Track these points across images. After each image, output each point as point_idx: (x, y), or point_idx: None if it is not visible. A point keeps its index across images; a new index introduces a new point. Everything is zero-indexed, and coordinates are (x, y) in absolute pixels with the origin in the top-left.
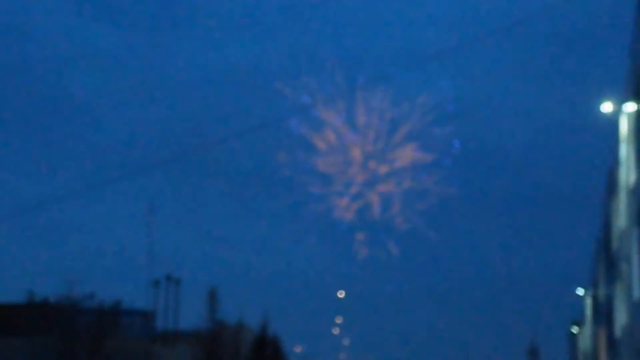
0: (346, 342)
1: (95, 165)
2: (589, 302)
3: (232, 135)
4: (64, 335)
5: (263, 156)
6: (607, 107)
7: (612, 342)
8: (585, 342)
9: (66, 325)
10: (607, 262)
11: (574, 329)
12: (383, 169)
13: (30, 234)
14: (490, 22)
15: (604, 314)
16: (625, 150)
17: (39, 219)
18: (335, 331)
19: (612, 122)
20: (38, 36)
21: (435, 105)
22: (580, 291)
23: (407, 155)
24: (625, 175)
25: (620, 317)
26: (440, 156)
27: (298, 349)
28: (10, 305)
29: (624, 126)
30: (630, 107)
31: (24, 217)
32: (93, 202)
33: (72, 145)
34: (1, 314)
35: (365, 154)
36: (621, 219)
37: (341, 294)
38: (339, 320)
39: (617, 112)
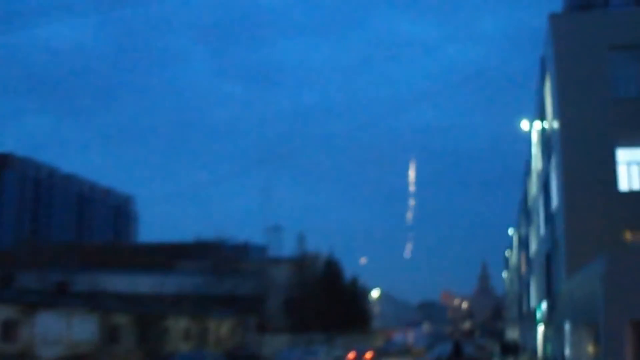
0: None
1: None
2: (515, 237)
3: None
4: (215, 261)
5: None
6: (525, 124)
7: (528, 260)
8: (513, 260)
9: (217, 255)
10: (525, 214)
11: (507, 253)
12: None
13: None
14: (455, 75)
15: (524, 243)
16: (534, 149)
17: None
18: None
19: (528, 133)
20: None
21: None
22: (510, 231)
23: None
24: (535, 164)
25: (532, 246)
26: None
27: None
28: (187, 243)
29: (534, 135)
30: (536, 125)
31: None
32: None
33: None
34: (182, 249)
35: None
36: (533, 189)
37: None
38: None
39: (531, 128)
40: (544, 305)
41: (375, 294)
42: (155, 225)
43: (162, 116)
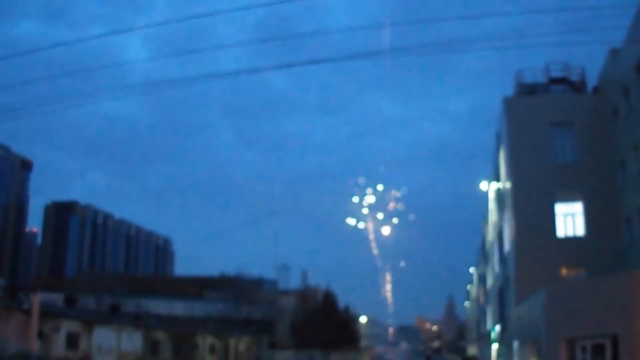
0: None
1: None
2: (475, 274)
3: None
4: (235, 291)
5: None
6: (483, 185)
7: (485, 292)
8: (473, 292)
9: (237, 287)
10: (483, 256)
11: (469, 287)
12: None
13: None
14: (428, 145)
15: (482, 279)
16: (491, 205)
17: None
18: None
19: (485, 192)
20: None
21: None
22: (472, 269)
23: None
24: (491, 216)
25: (489, 280)
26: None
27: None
28: (213, 277)
29: (491, 193)
30: (493, 185)
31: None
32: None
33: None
34: (209, 281)
35: None
36: (490, 236)
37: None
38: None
39: (488, 188)
40: (497, 327)
41: (363, 319)
42: (189, 261)
43: (194, 175)
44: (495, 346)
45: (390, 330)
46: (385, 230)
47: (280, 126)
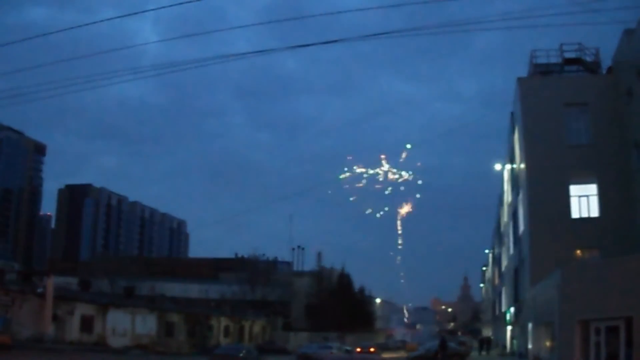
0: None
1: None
2: (490, 255)
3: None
4: (250, 273)
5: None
6: (497, 166)
7: (500, 274)
8: (488, 274)
9: (251, 269)
10: (498, 237)
11: (484, 268)
12: None
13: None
14: (441, 126)
15: (497, 261)
16: (505, 186)
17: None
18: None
19: (501, 173)
20: None
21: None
22: (486, 251)
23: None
24: (505, 198)
25: (504, 262)
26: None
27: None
28: (228, 258)
29: (506, 174)
30: (507, 166)
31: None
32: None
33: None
34: (223, 263)
35: None
36: (504, 217)
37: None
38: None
39: (502, 169)
40: (512, 309)
41: (378, 300)
42: (203, 243)
43: (207, 157)
44: (509, 328)
45: (405, 311)
46: (403, 210)
47: (292, 107)
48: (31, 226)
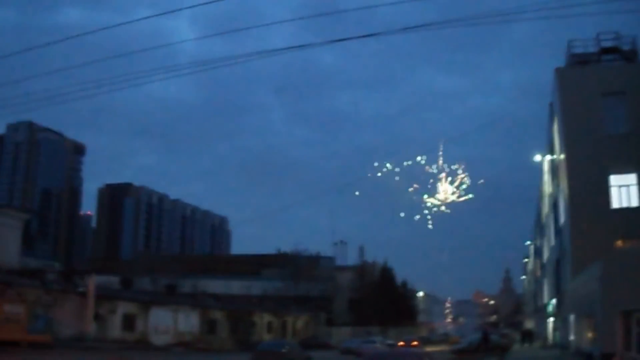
0: None
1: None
2: (531, 247)
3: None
4: (293, 269)
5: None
6: (537, 157)
7: (541, 265)
8: (530, 266)
9: (294, 264)
10: (539, 229)
11: (525, 260)
12: None
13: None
14: (479, 119)
15: (538, 252)
16: (545, 177)
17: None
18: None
19: (541, 164)
20: None
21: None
22: (527, 242)
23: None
24: (546, 189)
25: (545, 254)
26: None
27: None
28: (270, 254)
29: (546, 165)
30: (547, 157)
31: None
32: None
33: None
34: (266, 259)
35: None
36: (545, 208)
37: None
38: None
39: (542, 160)
40: (553, 301)
41: (420, 294)
42: (245, 240)
43: (247, 153)
44: (551, 320)
45: (448, 305)
46: (447, 200)
47: (330, 102)
48: (71, 226)
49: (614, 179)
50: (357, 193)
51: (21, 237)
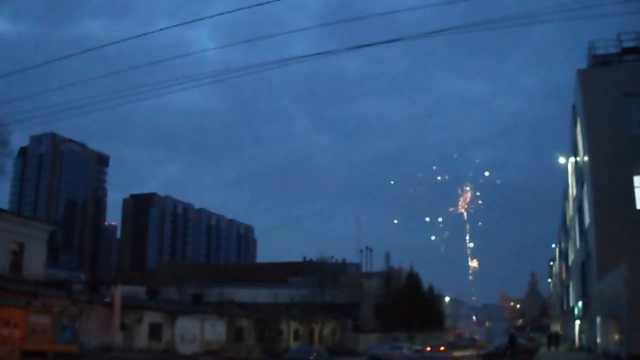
0: None
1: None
2: (557, 250)
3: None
4: (319, 276)
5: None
6: (561, 160)
7: (567, 268)
8: (555, 268)
9: (320, 271)
10: (564, 231)
11: (551, 263)
12: None
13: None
14: (502, 122)
15: (563, 255)
16: (570, 179)
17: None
18: None
19: (565, 166)
20: None
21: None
22: (553, 245)
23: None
24: (570, 191)
25: (570, 256)
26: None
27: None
28: (296, 262)
29: (570, 168)
30: (571, 159)
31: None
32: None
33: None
34: (292, 267)
35: None
36: (570, 211)
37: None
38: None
39: (566, 162)
40: (580, 304)
41: (447, 299)
42: (271, 248)
43: (272, 162)
44: (577, 323)
45: (474, 309)
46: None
47: (353, 109)
48: (96, 236)
49: (638, 180)
50: (392, 182)
51: (46, 249)
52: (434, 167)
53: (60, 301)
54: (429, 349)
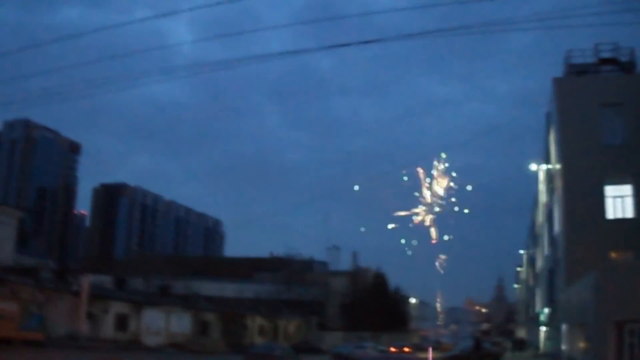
0: None
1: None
2: (525, 256)
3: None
4: (286, 273)
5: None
6: (533, 166)
7: (534, 274)
8: (523, 274)
9: (287, 268)
10: (533, 238)
11: (519, 269)
12: None
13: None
14: (475, 127)
15: (531, 261)
16: (541, 186)
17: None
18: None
19: (536, 173)
20: None
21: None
22: (521, 251)
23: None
24: (541, 198)
25: (538, 263)
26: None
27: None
28: (263, 258)
29: (541, 175)
30: (543, 167)
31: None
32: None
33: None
34: (259, 263)
35: None
36: (539, 217)
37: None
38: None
39: (538, 169)
40: (546, 310)
41: (413, 300)
42: (239, 242)
43: (243, 157)
44: (543, 329)
45: (440, 312)
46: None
47: (327, 108)
48: (66, 225)
49: (610, 190)
50: (356, 188)
51: (16, 235)
52: (403, 172)
53: (28, 288)
54: (393, 349)
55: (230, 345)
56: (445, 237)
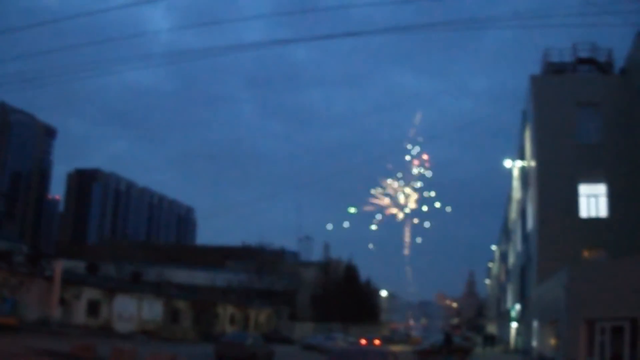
0: None
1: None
2: (497, 252)
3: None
4: (257, 262)
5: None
6: (507, 163)
7: (506, 270)
8: (494, 270)
9: (259, 258)
10: (505, 234)
11: (490, 264)
12: None
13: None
14: (448, 122)
15: (503, 257)
16: (515, 183)
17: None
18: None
19: (510, 170)
20: None
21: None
22: (493, 247)
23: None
24: (514, 194)
25: (510, 259)
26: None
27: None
28: (235, 247)
29: (516, 171)
30: (517, 163)
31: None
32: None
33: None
34: (231, 251)
35: None
36: (512, 214)
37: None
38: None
39: (512, 165)
40: (517, 306)
41: (384, 293)
42: (211, 230)
43: (217, 145)
44: (514, 325)
45: (410, 305)
46: (410, 203)
47: (302, 98)
48: (39, 209)
49: (584, 189)
50: (323, 188)
51: None
52: (375, 163)
53: (1, 272)
54: (363, 341)
55: (201, 334)
56: (418, 240)
